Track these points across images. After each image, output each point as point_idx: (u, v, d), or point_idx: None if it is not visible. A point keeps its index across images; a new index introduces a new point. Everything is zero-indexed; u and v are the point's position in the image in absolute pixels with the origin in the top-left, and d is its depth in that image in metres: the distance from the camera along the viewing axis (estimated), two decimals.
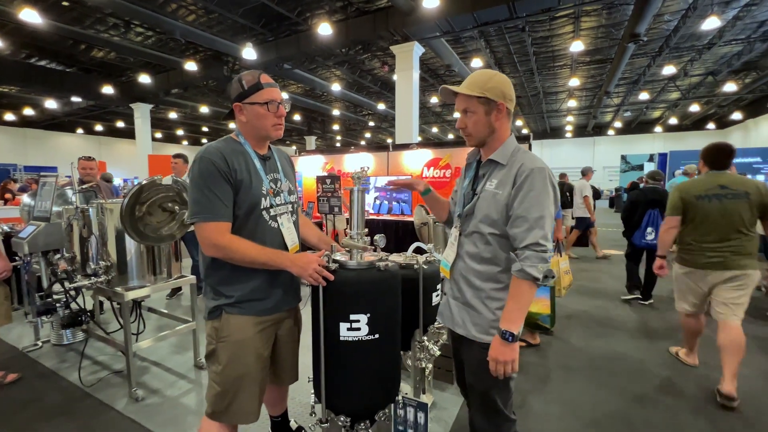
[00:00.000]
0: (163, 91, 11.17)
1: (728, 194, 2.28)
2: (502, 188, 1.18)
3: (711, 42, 8.73)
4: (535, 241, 1.09)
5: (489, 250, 1.21)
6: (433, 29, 6.94)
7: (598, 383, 2.45)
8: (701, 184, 2.38)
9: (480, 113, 1.20)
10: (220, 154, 1.22)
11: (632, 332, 3.28)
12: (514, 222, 1.14)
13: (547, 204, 1.12)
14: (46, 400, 2.28)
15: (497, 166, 1.22)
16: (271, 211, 1.32)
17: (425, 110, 15.15)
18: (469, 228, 1.26)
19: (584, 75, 11.30)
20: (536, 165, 1.15)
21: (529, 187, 1.12)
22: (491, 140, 1.24)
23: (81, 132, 18.25)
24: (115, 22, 7.51)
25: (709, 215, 2.30)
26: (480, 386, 1.25)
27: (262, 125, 1.30)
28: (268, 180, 1.33)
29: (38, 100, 12.54)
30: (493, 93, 1.17)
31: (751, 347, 2.88)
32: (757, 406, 2.18)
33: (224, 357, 1.27)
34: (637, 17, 6.36)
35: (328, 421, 1.21)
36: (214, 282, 1.29)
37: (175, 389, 2.39)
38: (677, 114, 16.35)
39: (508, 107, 1.21)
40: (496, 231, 1.19)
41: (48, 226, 2.55)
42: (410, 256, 1.68)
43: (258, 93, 1.27)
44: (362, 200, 1.26)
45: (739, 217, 2.25)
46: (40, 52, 9.14)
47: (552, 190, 1.15)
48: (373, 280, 1.17)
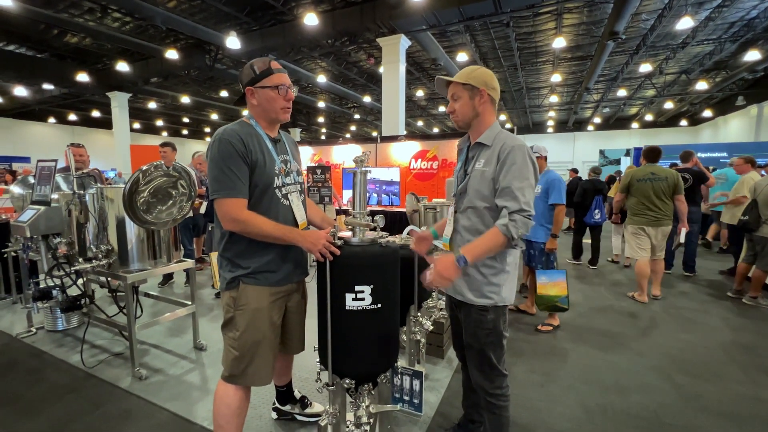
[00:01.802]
0: (142, 80, 10.83)
1: (655, 178, 3.73)
2: (488, 165, 1.35)
3: (685, 41, 9.11)
4: (520, 207, 1.25)
5: (482, 222, 1.37)
6: (420, 22, 7.00)
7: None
8: (640, 172, 3.83)
9: (465, 98, 1.39)
10: (237, 136, 1.31)
11: (597, 286, 4.30)
12: (501, 192, 1.30)
13: (527, 175, 1.28)
14: (51, 380, 2.30)
15: (484, 148, 1.39)
16: (283, 190, 1.42)
17: (411, 104, 15.22)
18: (463, 204, 1.43)
19: (566, 71, 11.60)
20: (516, 143, 1.32)
21: (511, 162, 1.29)
22: (477, 123, 1.42)
23: (53, 121, 17.47)
24: (91, 6, 7.23)
25: (645, 190, 3.75)
26: (477, 345, 1.42)
27: (272, 108, 1.39)
28: (279, 160, 1.42)
29: (7, 86, 11.93)
30: (476, 81, 1.37)
31: (716, 325, 3.24)
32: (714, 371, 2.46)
33: (242, 324, 1.36)
34: (617, 15, 6.60)
35: (335, 384, 1.30)
36: (231, 255, 1.38)
37: (178, 368, 2.45)
38: (653, 111, 16.98)
39: (490, 94, 1.39)
40: (487, 204, 1.36)
41: (48, 210, 2.54)
42: (405, 237, 1.79)
43: (269, 78, 1.37)
44: (364, 182, 1.35)
45: (661, 192, 3.71)
46: (9, 37, 8.70)
47: (531, 164, 1.31)
48: (376, 254, 1.27)
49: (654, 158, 3.85)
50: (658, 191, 3.69)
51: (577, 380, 2.36)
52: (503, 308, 1.42)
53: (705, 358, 2.65)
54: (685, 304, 3.79)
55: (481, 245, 1.26)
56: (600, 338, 2.99)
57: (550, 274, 2.97)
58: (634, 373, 2.45)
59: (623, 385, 2.31)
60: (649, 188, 3.71)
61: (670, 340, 2.97)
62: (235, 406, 1.40)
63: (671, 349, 2.80)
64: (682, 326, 3.24)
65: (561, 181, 3.03)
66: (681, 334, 3.08)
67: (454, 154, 6.10)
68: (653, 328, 3.20)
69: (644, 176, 3.76)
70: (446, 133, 8.35)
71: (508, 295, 1.41)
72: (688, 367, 2.53)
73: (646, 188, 3.72)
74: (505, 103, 15.79)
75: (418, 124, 19.46)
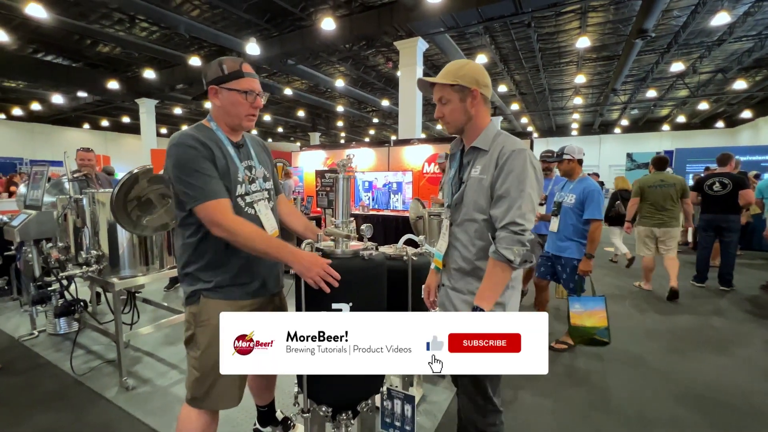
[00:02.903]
0: (168, 87, 11.20)
1: (664, 184, 4.11)
2: (485, 173, 1.19)
3: (721, 38, 8.55)
4: (512, 220, 1.10)
5: (481, 236, 1.22)
6: (438, 24, 6.88)
7: None
8: (651, 179, 4.21)
9: (455, 101, 1.22)
10: (196, 139, 1.21)
11: (621, 300, 4.10)
12: (496, 202, 1.16)
13: (526, 184, 1.12)
14: (40, 387, 2.31)
15: (480, 153, 1.24)
16: (246, 198, 1.31)
17: (430, 107, 15.08)
18: (459, 217, 1.27)
19: (591, 72, 11.15)
20: (516, 147, 1.16)
21: (509, 168, 1.14)
22: (470, 127, 1.26)
23: (87, 127, 18.40)
24: (120, 17, 7.54)
25: (655, 196, 4.13)
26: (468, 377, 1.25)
27: (236, 113, 1.28)
28: (243, 167, 1.32)
29: (45, 95, 12.64)
30: (466, 80, 1.19)
31: (758, 348, 2.91)
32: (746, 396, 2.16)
33: (203, 341, 1.25)
34: (646, 13, 6.25)
35: (310, 411, 1.20)
36: (192, 269, 1.28)
37: (166, 379, 2.40)
38: (685, 112, 16.09)
39: (483, 93, 1.22)
40: (486, 216, 1.20)
41: (40, 214, 2.55)
42: (400, 248, 1.66)
43: (238, 80, 1.26)
44: (347, 188, 1.25)
45: (669, 197, 4.08)
46: (47, 48, 9.20)
47: (532, 170, 1.15)
48: (357, 269, 1.16)
49: (662, 166, 4.26)
50: (666, 197, 4.08)
51: (594, 408, 2.14)
52: None
53: (745, 388, 2.34)
54: (720, 324, 3.44)
55: (486, 287, 1.14)
56: (622, 359, 2.72)
57: (585, 301, 2.61)
58: (661, 402, 2.20)
59: (648, 417, 2.06)
60: (659, 194, 4.11)
61: (703, 364, 2.67)
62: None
63: (704, 375, 2.50)
64: (717, 348, 2.92)
65: (599, 192, 2.61)
66: (716, 357, 2.77)
67: None
68: (683, 350, 2.90)
69: (655, 183, 4.13)
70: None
71: (513, 311, 1.26)
72: (724, 397, 2.24)
73: (657, 194, 4.12)
74: (527, 106, 15.36)
75: (437, 128, 19.27)
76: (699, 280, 4.64)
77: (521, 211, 1.11)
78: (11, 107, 14.55)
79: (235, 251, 1.23)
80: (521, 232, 1.09)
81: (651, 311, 3.77)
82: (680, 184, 4.06)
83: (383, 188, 6.27)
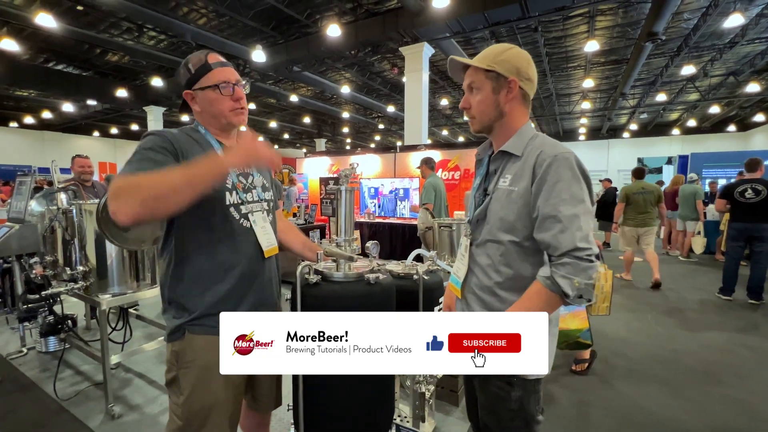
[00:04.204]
0: (176, 94, 11.30)
1: (645, 191, 4.96)
2: (517, 183, 0.97)
3: (733, 41, 8.40)
4: (575, 246, 0.87)
5: (506, 262, 0.99)
6: (443, 30, 6.84)
7: None
8: (634, 187, 5.04)
9: (486, 90, 0.99)
10: (169, 137, 1.04)
11: (643, 313, 3.64)
12: (543, 224, 0.92)
13: (580, 197, 0.91)
14: (20, 413, 2.16)
15: (511, 158, 1.01)
16: (241, 209, 1.13)
17: (435, 113, 15.01)
18: (481, 236, 1.04)
19: (599, 76, 11.02)
20: (559, 151, 0.94)
21: (554, 178, 0.91)
22: (500, 126, 1.03)
23: (97, 134, 18.65)
24: (129, 26, 7.62)
25: (638, 201, 4.94)
26: (495, 427, 1.04)
27: (218, 111, 1.10)
28: (235, 173, 1.14)
29: (56, 103, 12.84)
30: (504, 67, 0.97)
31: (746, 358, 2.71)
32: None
33: (187, 386, 1.07)
34: (655, 15, 6.14)
35: None
36: (174, 295, 1.09)
37: (156, 405, 2.23)
38: (696, 116, 15.83)
39: (522, 87, 1.00)
40: (516, 238, 0.97)
41: (22, 227, 2.38)
42: (409, 265, 1.52)
43: (207, 76, 1.08)
44: (351, 201, 1.13)
45: (649, 203, 4.92)
46: (57, 57, 9.34)
47: (584, 179, 0.94)
48: (361, 295, 1.04)
49: (641, 176, 5.12)
50: (647, 202, 4.92)
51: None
52: (537, 381, 1.00)
53: None
54: (756, 342, 3.13)
55: (522, 309, 0.92)
56: (650, 383, 2.47)
57: None
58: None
59: None
60: (641, 200, 4.93)
61: (739, 390, 2.39)
62: None
63: (746, 402, 2.24)
64: (757, 370, 2.64)
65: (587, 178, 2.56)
66: (753, 383, 2.47)
67: None
68: (716, 372, 2.62)
69: (637, 190, 4.97)
70: (470, 141, 8.09)
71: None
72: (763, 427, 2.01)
73: (639, 200, 4.94)
74: (534, 111, 15.24)
75: (442, 134, 19.19)
76: (726, 293, 4.40)
77: (582, 233, 0.88)
78: (23, 115, 14.81)
79: (217, 270, 1.06)
80: (588, 257, 0.87)
81: (677, 327, 3.50)
82: (657, 192, 4.96)
83: (389, 195, 6.20)
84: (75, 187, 2.56)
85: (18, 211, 2.50)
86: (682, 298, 4.42)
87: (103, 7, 6.41)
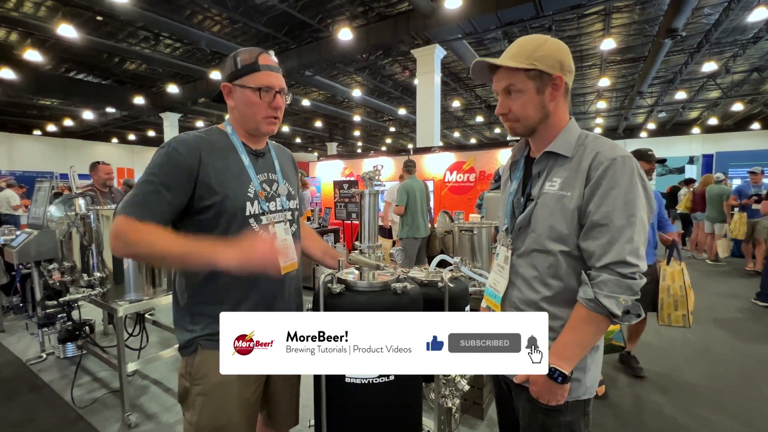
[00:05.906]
0: (191, 101, 11.52)
1: None
2: (569, 188, 0.88)
3: (757, 36, 8.11)
4: (620, 259, 0.80)
5: (556, 273, 0.91)
6: (455, 31, 6.78)
7: None
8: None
9: (530, 91, 0.90)
10: (191, 144, 0.99)
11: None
12: (590, 232, 0.85)
13: (636, 206, 0.82)
14: (38, 421, 2.16)
15: (559, 160, 0.92)
16: (262, 219, 1.06)
17: (447, 114, 14.93)
18: (525, 245, 0.96)
19: (615, 75, 10.78)
20: (617, 153, 0.85)
21: (609, 184, 0.83)
22: (545, 127, 0.94)
23: (115, 141, 19.16)
24: (146, 35, 7.81)
25: None
26: None
27: (251, 115, 1.05)
28: (259, 180, 1.08)
29: (77, 111, 13.23)
30: (547, 63, 0.88)
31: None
32: None
33: (199, 402, 1.02)
34: (675, 11, 5.97)
35: None
36: (188, 305, 1.05)
37: (172, 414, 2.21)
38: (717, 114, 15.34)
39: (567, 82, 0.92)
40: (566, 248, 0.89)
41: (41, 234, 2.38)
42: (433, 272, 1.43)
43: (252, 75, 1.02)
44: (375, 205, 1.07)
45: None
46: (78, 66, 9.63)
47: (642, 187, 0.85)
48: (388, 306, 0.98)
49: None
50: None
51: None
52: (586, 402, 0.93)
53: None
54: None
55: (570, 341, 0.86)
56: (686, 394, 2.33)
57: None
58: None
59: None
60: None
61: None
62: None
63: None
64: None
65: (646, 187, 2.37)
66: None
67: (493, 165, 5.71)
68: (759, 383, 2.44)
69: None
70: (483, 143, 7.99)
71: (594, 380, 0.93)
72: None
73: None
74: None
75: (454, 135, 19.08)
76: (764, 299, 4.20)
77: (633, 246, 0.81)
78: (46, 124, 15.31)
79: (234, 284, 1.01)
80: (632, 275, 0.80)
81: (713, 336, 3.30)
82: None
83: None
84: (93, 192, 2.57)
85: (37, 217, 2.51)
86: (713, 304, 4.21)
87: (122, 17, 6.58)
